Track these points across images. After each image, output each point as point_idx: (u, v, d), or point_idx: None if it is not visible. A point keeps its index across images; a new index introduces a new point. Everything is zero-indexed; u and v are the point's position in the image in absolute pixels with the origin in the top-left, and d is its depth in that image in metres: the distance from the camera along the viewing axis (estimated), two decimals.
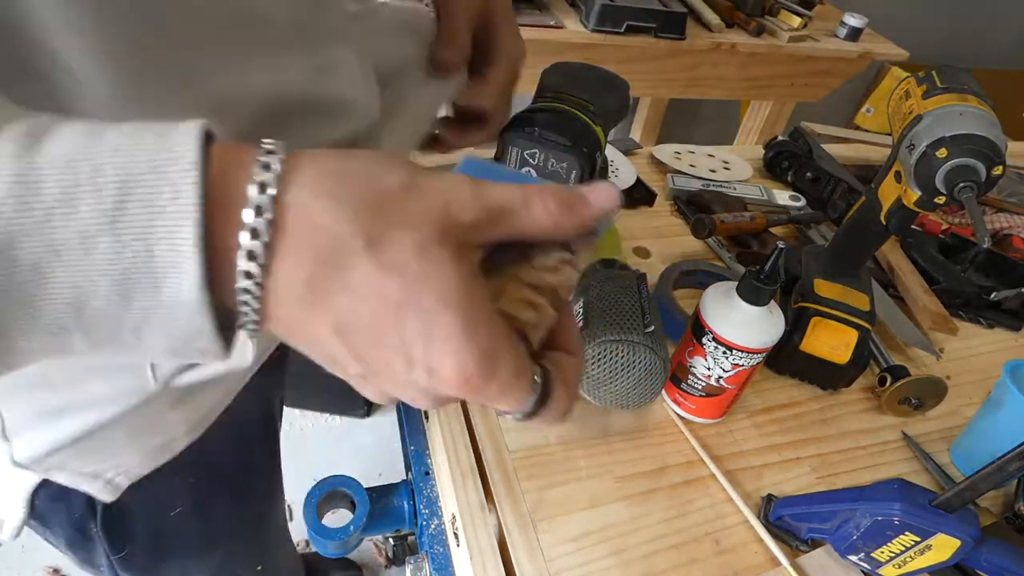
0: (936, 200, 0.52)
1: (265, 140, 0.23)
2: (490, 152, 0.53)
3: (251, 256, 0.21)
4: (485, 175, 0.27)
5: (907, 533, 0.45)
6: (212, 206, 0.21)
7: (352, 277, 0.22)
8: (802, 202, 0.90)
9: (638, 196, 0.86)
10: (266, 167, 0.22)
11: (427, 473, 0.60)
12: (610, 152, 0.98)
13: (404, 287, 0.22)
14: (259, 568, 0.67)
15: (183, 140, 0.21)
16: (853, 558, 0.49)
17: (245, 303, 0.22)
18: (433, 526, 0.56)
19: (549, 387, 0.27)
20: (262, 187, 0.21)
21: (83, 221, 0.20)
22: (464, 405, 0.57)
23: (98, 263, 0.20)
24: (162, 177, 0.20)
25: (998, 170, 0.48)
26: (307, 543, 1.32)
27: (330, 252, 0.22)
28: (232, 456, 0.56)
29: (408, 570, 0.60)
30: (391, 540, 1.30)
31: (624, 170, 0.90)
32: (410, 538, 0.82)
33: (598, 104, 0.53)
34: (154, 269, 0.20)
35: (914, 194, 0.53)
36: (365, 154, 0.24)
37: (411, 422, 0.66)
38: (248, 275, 0.21)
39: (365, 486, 0.59)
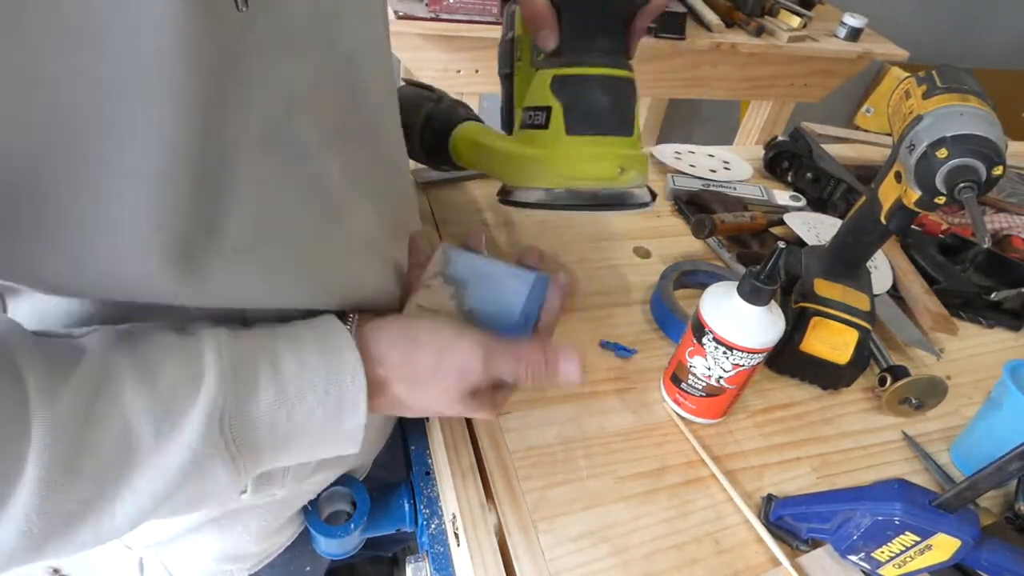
0: (936, 200, 0.52)
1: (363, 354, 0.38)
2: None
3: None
4: (469, 268, 0.46)
5: (907, 533, 0.45)
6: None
7: (408, 408, 0.42)
8: (802, 202, 0.90)
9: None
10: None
11: (427, 473, 0.60)
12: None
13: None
14: (308, 569, 0.68)
15: (352, 362, 0.38)
16: (853, 558, 0.49)
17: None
18: (433, 526, 0.56)
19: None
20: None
21: (310, 407, 0.36)
22: None
23: (315, 426, 0.37)
24: (352, 381, 0.37)
25: (998, 170, 0.48)
26: None
27: (396, 405, 0.41)
28: None
29: (408, 570, 0.60)
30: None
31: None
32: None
33: None
34: (342, 425, 0.38)
35: (914, 194, 0.53)
36: (409, 344, 0.40)
37: (411, 422, 0.66)
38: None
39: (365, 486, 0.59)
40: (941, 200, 0.52)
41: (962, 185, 0.48)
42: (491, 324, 0.45)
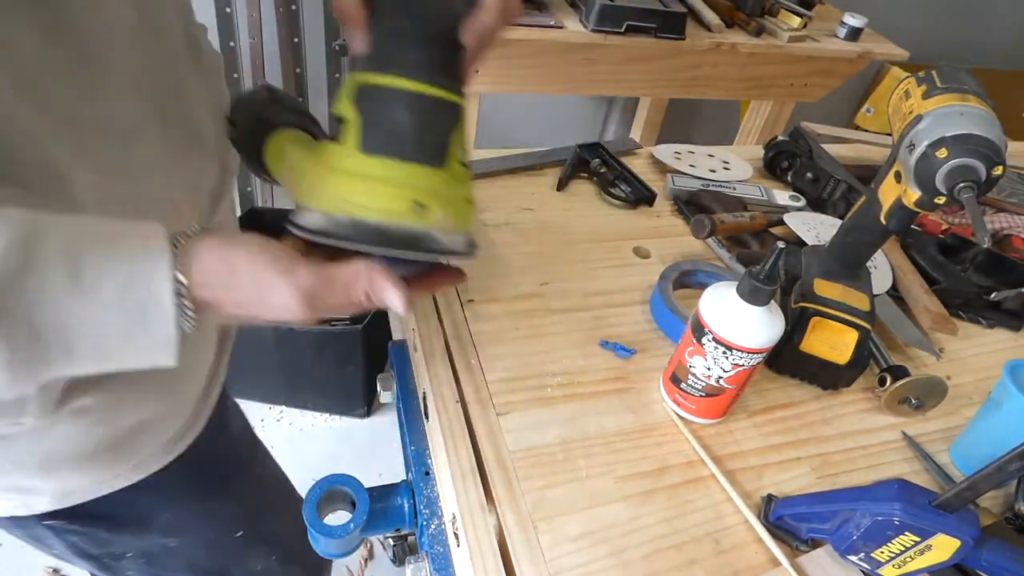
0: (936, 200, 0.52)
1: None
2: None
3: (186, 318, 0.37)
4: None
5: (907, 533, 0.45)
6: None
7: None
8: (802, 202, 0.90)
9: (638, 196, 0.86)
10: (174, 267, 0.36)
11: (427, 473, 0.60)
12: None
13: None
14: (240, 533, 0.68)
15: (158, 261, 0.35)
16: (853, 558, 0.49)
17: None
18: (433, 526, 0.56)
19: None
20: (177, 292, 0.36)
21: (106, 301, 0.34)
22: (464, 405, 0.57)
23: (114, 324, 0.35)
24: (158, 281, 0.35)
25: (998, 170, 0.48)
26: None
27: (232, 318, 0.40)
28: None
29: (408, 570, 0.60)
30: (391, 540, 1.30)
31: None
32: (410, 538, 0.82)
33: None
34: (150, 331, 0.36)
35: (914, 194, 0.53)
36: (229, 271, 0.38)
37: (411, 422, 0.66)
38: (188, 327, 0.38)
39: (365, 486, 0.59)
40: (941, 200, 0.52)
41: (962, 185, 0.48)
42: None
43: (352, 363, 1.49)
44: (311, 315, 0.40)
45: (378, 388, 0.75)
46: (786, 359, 0.63)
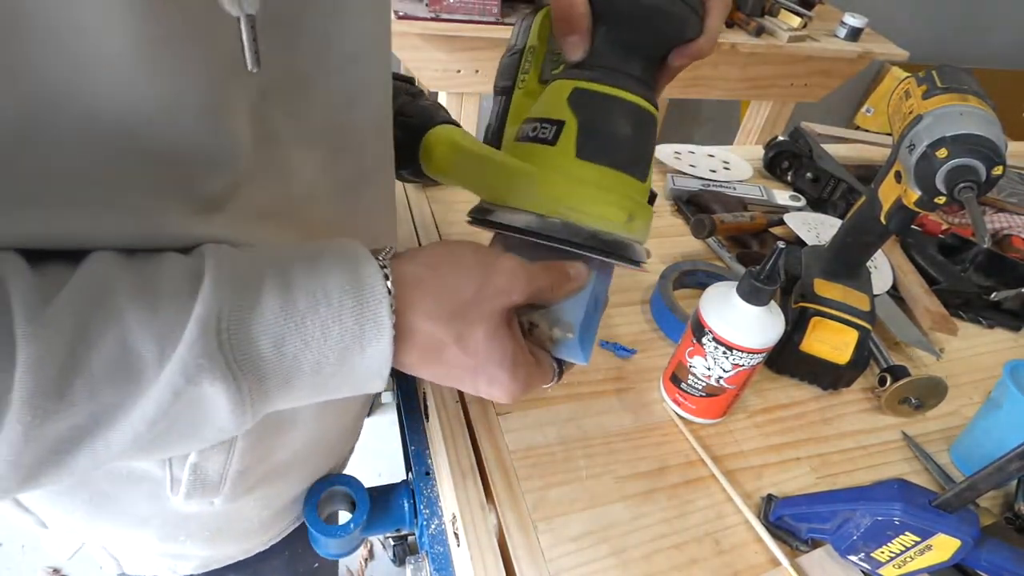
0: (936, 200, 0.52)
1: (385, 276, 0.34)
2: None
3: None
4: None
5: (907, 533, 0.45)
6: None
7: (447, 356, 0.36)
8: (802, 202, 0.90)
9: None
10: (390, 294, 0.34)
11: (427, 473, 0.60)
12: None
13: (477, 363, 0.37)
14: (316, 565, 0.69)
15: (372, 272, 0.33)
16: (853, 558, 0.49)
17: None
18: (433, 526, 0.56)
19: (562, 365, 0.43)
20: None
21: (324, 322, 0.32)
22: (464, 405, 0.57)
23: (331, 349, 0.32)
24: (376, 322, 0.33)
25: (998, 170, 0.48)
26: None
27: (432, 346, 0.36)
28: None
29: (408, 570, 0.60)
30: (391, 540, 1.30)
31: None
32: (410, 538, 0.82)
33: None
34: (364, 351, 0.33)
35: (914, 194, 0.53)
36: (448, 267, 0.37)
37: (411, 422, 0.66)
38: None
39: (365, 486, 0.59)
40: (941, 200, 0.52)
41: (962, 185, 0.48)
42: (564, 311, 0.42)
43: None
44: (529, 288, 0.38)
45: None
46: (786, 359, 0.63)
